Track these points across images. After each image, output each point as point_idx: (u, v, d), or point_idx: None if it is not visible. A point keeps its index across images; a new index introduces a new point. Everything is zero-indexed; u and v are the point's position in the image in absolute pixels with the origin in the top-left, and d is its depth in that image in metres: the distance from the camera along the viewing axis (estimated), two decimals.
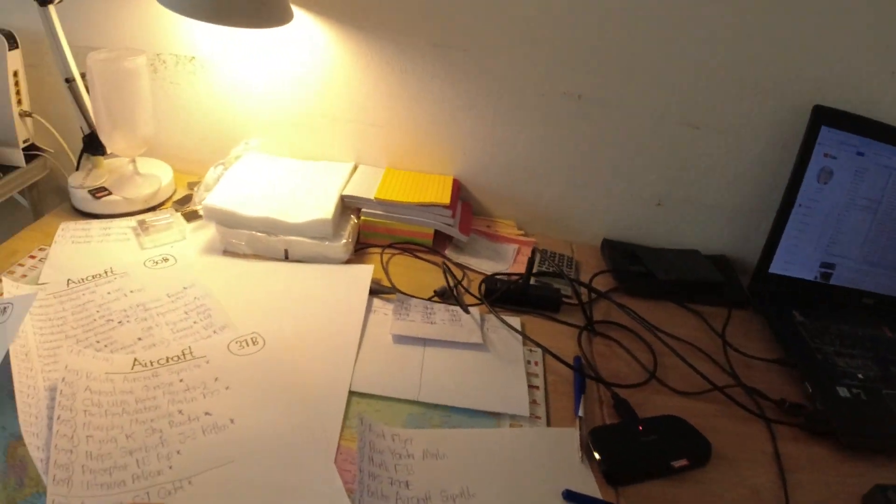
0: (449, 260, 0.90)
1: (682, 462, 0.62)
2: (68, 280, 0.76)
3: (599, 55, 0.89)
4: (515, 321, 0.78)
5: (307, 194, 0.88)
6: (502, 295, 0.81)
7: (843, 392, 0.76)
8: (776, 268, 0.92)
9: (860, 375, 0.80)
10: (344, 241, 0.83)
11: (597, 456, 0.61)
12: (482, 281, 0.84)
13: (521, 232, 1.01)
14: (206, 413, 0.61)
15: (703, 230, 1.01)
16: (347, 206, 0.90)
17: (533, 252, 0.80)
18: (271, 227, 0.82)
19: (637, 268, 0.92)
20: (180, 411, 0.60)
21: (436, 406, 0.65)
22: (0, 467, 0.54)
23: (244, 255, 0.84)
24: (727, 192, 0.98)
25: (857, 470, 0.68)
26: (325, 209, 0.83)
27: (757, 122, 0.92)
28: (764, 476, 0.64)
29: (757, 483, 0.63)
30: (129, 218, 0.90)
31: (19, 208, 1.09)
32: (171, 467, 0.55)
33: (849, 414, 0.73)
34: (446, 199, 0.89)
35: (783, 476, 0.64)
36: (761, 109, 0.91)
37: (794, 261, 0.92)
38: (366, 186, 0.91)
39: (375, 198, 0.88)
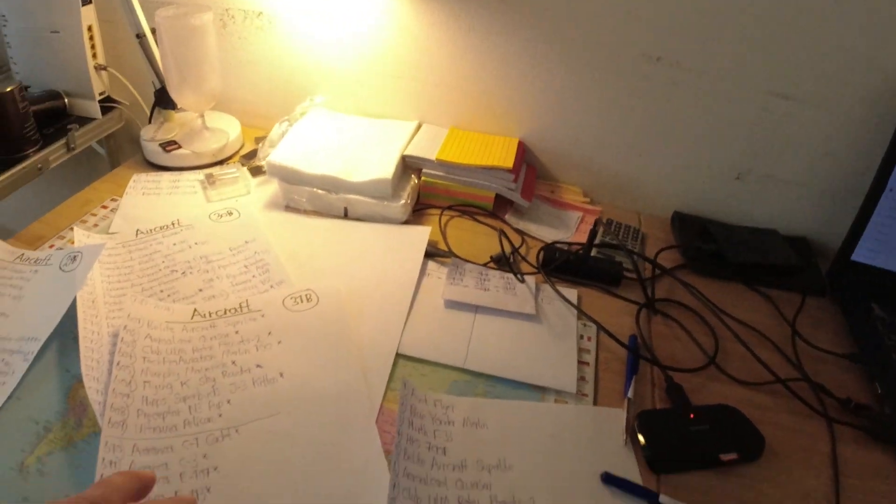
0: (508, 225, 0.88)
1: (732, 456, 0.59)
2: (137, 230, 0.80)
3: (682, 14, 0.82)
4: (572, 293, 0.76)
5: (369, 153, 0.87)
6: (560, 265, 0.78)
7: None
8: (860, 256, 0.85)
9: None
10: (403, 201, 0.83)
11: (641, 440, 0.59)
12: (541, 249, 0.81)
13: (587, 199, 0.97)
14: (258, 365, 0.63)
15: (784, 209, 0.94)
16: (408, 166, 0.89)
17: (596, 222, 0.77)
18: (332, 185, 0.83)
19: (708, 246, 0.87)
20: (233, 362, 0.63)
21: (481, 375, 0.64)
22: (61, 407, 0.58)
23: (305, 212, 0.85)
24: (814, 170, 0.90)
25: None
26: (385, 169, 0.83)
27: (852, 96, 0.83)
28: (816, 479, 0.60)
29: (808, 485, 0.60)
30: (197, 171, 0.92)
31: (98, 158, 1.15)
32: (220, 415, 0.57)
33: None
34: (509, 163, 0.86)
35: (837, 480, 0.60)
36: (858, 83, 0.82)
37: (881, 249, 0.85)
38: (428, 147, 0.90)
39: (437, 159, 0.87)
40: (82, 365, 0.58)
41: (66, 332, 0.62)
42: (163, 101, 0.95)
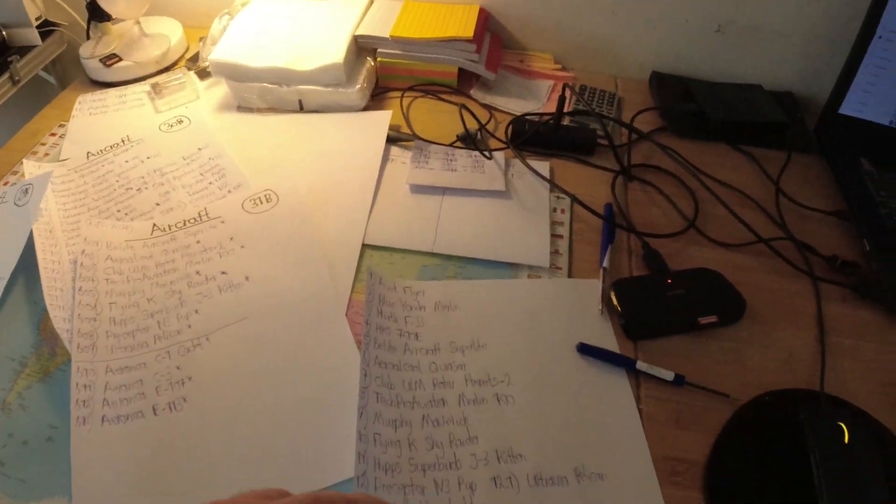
0: (475, 101, 0.82)
1: (711, 319, 0.58)
2: (88, 153, 0.76)
3: None
4: (544, 166, 0.72)
5: (318, 38, 0.81)
6: (530, 138, 0.74)
7: None
8: (848, 109, 0.80)
9: None
10: (359, 86, 0.77)
11: (617, 308, 0.58)
12: (509, 123, 0.77)
13: (559, 66, 0.91)
14: (222, 272, 0.61)
15: (769, 62, 0.88)
16: (362, 47, 0.83)
17: (564, 88, 0.72)
18: (282, 77, 0.77)
19: (688, 106, 0.82)
20: (198, 272, 0.61)
21: (451, 257, 0.62)
22: (34, 340, 0.57)
23: (259, 110, 0.80)
24: (799, 19, 0.84)
25: None
26: (336, 53, 0.77)
27: None
28: (801, 338, 0.59)
29: (792, 345, 0.59)
30: (143, 82, 0.87)
31: (49, 86, 1.08)
32: (189, 326, 0.57)
33: None
34: (469, 32, 0.79)
35: (822, 339, 0.59)
36: None
37: (869, 101, 0.80)
38: (381, 24, 0.83)
39: (391, 36, 0.80)
40: (45, 295, 0.56)
41: (30, 266, 0.60)
42: (96, 13, 0.88)
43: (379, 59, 0.82)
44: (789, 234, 0.68)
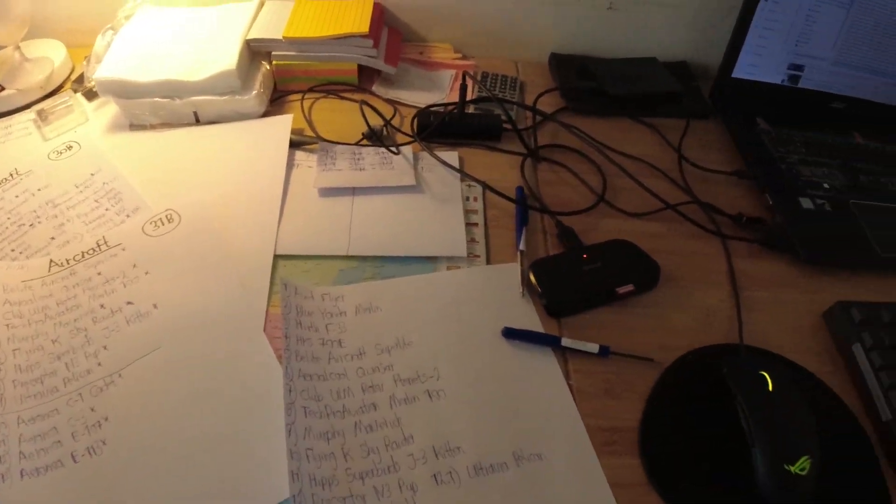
0: (378, 96, 0.81)
1: (628, 288, 0.59)
2: None
3: None
4: (452, 156, 0.72)
5: (209, 45, 0.77)
6: (436, 129, 0.73)
7: (806, 203, 0.72)
8: (740, 72, 0.84)
9: (826, 185, 0.75)
10: (255, 91, 0.74)
11: (537, 289, 0.58)
12: (415, 115, 0.76)
13: (459, 55, 0.91)
14: (128, 303, 0.57)
15: (661, 35, 0.91)
16: (256, 51, 0.80)
17: (464, 76, 0.72)
18: (174, 89, 0.74)
19: (587, 83, 0.84)
20: (102, 306, 0.57)
21: (368, 258, 0.61)
22: None
23: (153, 127, 0.76)
24: None
25: (817, 286, 0.66)
26: (228, 59, 0.74)
27: None
28: (716, 296, 0.62)
29: (709, 304, 0.61)
30: (28, 110, 0.81)
31: None
32: (99, 364, 0.53)
33: (811, 226, 0.69)
34: (365, 28, 0.78)
35: (737, 294, 0.62)
36: None
37: (759, 63, 0.84)
38: (274, 26, 0.80)
39: (284, 37, 0.78)
40: None
41: None
42: None
43: (275, 62, 0.80)
44: (694, 197, 0.71)
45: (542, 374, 0.53)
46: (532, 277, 0.59)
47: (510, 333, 0.55)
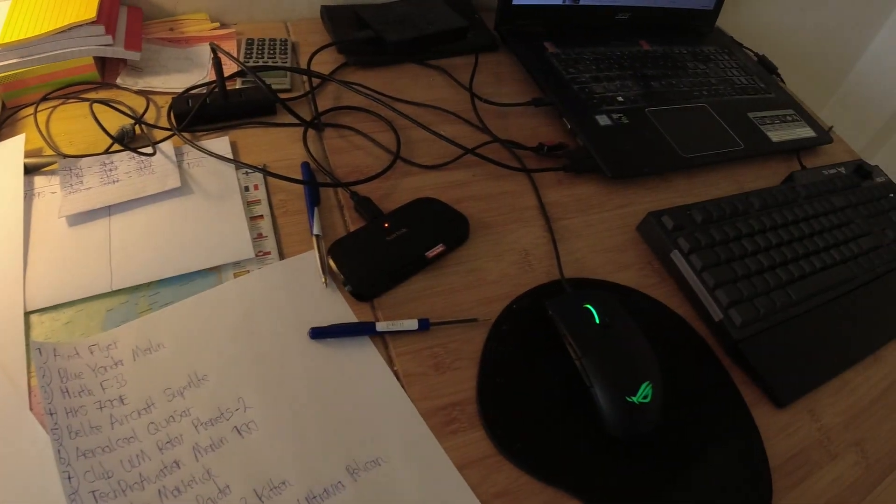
0: (127, 89, 0.68)
1: (439, 249, 0.54)
2: None
3: None
4: (223, 143, 0.62)
5: None
6: (197, 115, 0.62)
7: (603, 121, 0.71)
8: None
9: (620, 98, 0.75)
10: None
11: (339, 274, 0.52)
12: (170, 105, 0.64)
13: (216, 25, 0.79)
14: None
15: None
16: None
17: (212, 49, 0.61)
18: None
19: (363, 33, 0.76)
20: None
21: (138, 288, 0.50)
22: None
23: None
24: None
25: (629, 200, 0.66)
26: None
27: None
28: (531, 234, 0.59)
29: (525, 245, 0.58)
30: None
31: None
32: None
33: (611, 143, 0.69)
34: (92, 13, 0.64)
35: (550, 228, 0.60)
36: None
37: None
38: None
39: (0, 45, 0.63)
40: None
41: None
42: None
43: None
44: (493, 136, 0.67)
45: (362, 369, 0.48)
46: (332, 263, 0.52)
47: (318, 333, 0.48)
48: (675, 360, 0.53)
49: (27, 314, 0.49)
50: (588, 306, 0.50)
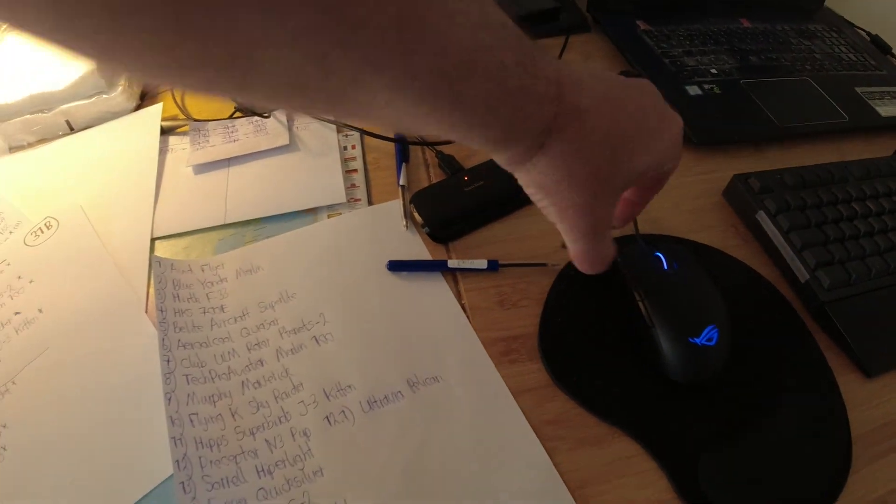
0: None
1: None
2: None
3: None
4: None
5: None
6: None
7: (693, 91, 0.71)
8: None
9: (714, 70, 0.75)
10: (121, 87, 0.73)
11: (419, 219, 0.57)
12: None
13: None
14: (16, 313, 0.56)
15: None
16: None
17: None
18: (43, 102, 0.72)
19: None
20: None
21: (247, 223, 0.59)
22: None
23: (30, 145, 0.74)
24: None
25: (716, 167, 0.65)
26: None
27: None
28: None
29: None
30: None
31: None
32: None
33: (700, 110, 0.68)
34: None
35: None
36: None
37: None
38: None
39: None
40: None
41: None
42: None
43: None
44: None
45: (432, 299, 0.52)
46: (413, 209, 0.58)
47: (395, 266, 0.54)
48: (753, 318, 0.51)
49: (153, 240, 0.59)
50: (658, 254, 0.51)
